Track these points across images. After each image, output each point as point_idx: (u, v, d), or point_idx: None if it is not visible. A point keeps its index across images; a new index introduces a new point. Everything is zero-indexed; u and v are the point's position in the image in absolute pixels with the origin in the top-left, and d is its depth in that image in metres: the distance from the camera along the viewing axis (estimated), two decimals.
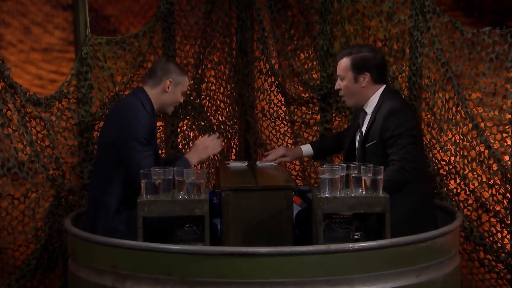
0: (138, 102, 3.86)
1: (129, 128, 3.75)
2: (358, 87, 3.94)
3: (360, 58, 3.92)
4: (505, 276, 4.16)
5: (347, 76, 3.95)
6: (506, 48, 3.97)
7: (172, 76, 3.96)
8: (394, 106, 3.81)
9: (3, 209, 4.02)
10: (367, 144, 3.85)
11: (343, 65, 3.96)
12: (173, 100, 4.00)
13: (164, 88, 3.95)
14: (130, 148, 3.72)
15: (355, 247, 3.20)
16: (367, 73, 3.91)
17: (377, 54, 4.00)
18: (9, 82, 3.96)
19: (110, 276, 3.33)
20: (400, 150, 3.71)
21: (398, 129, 3.74)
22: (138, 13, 4.92)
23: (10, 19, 4.36)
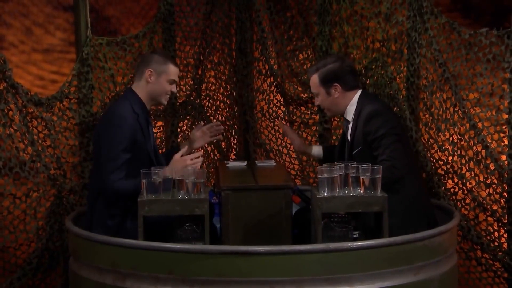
0: (125, 107, 3.82)
1: (109, 137, 3.73)
2: (332, 99, 4.00)
3: (326, 72, 3.98)
4: (502, 274, 4.16)
5: (320, 92, 4.02)
6: (503, 49, 3.98)
7: (152, 66, 3.91)
8: (372, 109, 3.85)
9: (5, 208, 4.03)
10: (354, 152, 3.87)
11: (313, 82, 4.03)
12: (159, 90, 3.93)
13: (146, 79, 3.90)
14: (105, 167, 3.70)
15: (354, 246, 3.20)
16: (337, 84, 3.95)
17: (343, 62, 4.04)
18: (10, 82, 3.96)
19: (111, 274, 3.33)
20: (386, 149, 3.74)
21: (380, 130, 3.78)
22: (138, 14, 4.92)
23: (11, 20, 4.36)
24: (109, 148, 3.71)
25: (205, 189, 3.45)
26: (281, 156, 5.08)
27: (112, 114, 3.82)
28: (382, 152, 3.73)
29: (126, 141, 3.71)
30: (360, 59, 4.57)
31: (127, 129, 3.73)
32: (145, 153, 3.84)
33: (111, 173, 3.67)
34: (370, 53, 4.52)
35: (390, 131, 3.79)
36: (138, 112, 3.84)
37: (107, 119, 3.82)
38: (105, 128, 3.79)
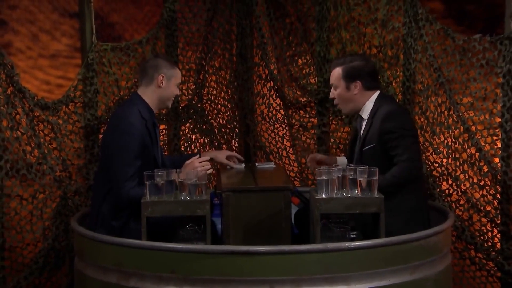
0: (134, 112, 3.79)
1: (120, 145, 3.71)
2: (350, 94, 3.96)
3: (351, 68, 3.95)
4: (495, 273, 4.17)
5: (339, 85, 3.98)
6: (495, 55, 3.99)
7: (163, 71, 3.90)
8: (390, 110, 3.83)
9: (12, 209, 4.03)
10: (365, 148, 3.85)
11: (336, 74, 3.98)
12: (169, 93, 3.94)
13: (158, 84, 3.88)
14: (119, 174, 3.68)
15: (351, 246, 3.20)
16: (359, 81, 3.93)
17: (368, 62, 4.02)
18: (18, 87, 3.97)
19: (115, 274, 3.33)
20: (406, 150, 3.72)
21: (398, 130, 3.75)
22: (142, 21, 4.92)
23: (19, 26, 4.36)
24: (122, 156, 3.69)
25: (206, 191, 3.44)
26: (281, 159, 5.08)
27: (121, 121, 3.77)
28: (402, 153, 3.70)
29: (138, 148, 3.71)
30: None
31: (138, 137, 3.72)
32: (152, 157, 3.83)
33: (125, 181, 3.66)
34: None
35: (408, 132, 3.79)
36: (146, 118, 3.81)
37: (117, 126, 3.77)
38: (115, 135, 3.75)
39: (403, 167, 3.69)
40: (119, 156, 3.70)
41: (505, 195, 4.03)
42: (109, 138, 3.81)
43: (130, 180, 3.67)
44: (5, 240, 3.98)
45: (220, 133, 5.05)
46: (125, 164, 3.68)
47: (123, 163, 3.68)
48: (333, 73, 4.01)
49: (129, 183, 3.66)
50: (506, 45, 3.95)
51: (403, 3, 4.36)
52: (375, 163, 3.68)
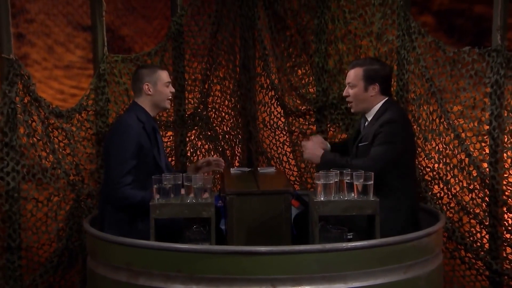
0: (131, 117, 3.81)
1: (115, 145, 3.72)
2: (366, 96, 3.87)
3: (373, 70, 3.86)
4: (484, 272, 4.16)
5: (358, 85, 3.86)
6: (484, 66, 3.99)
7: (146, 80, 3.88)
8: (392, 117, 3.76)
9: (28, 211, 4.03)
10: (360, 144, 3.83)
11: (356, 74, 3.86)
12: (161, 96, 3.91)
13: (147, 92, 3.88)
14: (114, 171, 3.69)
15: (348, 246, 3.19)
16: (377, 84, 3.87)
17: (386, 67, 3.94)
18: (34, 96, 3.97)
19: (125, 272, 3.32)
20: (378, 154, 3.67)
21: (387, 136, 3.71)
22: (151, 34, 4.93)
23: (35, 39, 4.37)
24: (117, 154, 3.70)
25: (211, 194, 3.44)
26: (281, 164, 5.07)
27: (119, 123, 3.83)
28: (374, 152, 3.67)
29: (132, 147, 3.70)
30: None
31: (134, 136, 3.72)
32: (152, 157, 3.82)
33: (120, 177, 3.66)
34: None
35: (393, 141, 3.72)
36: (144, 121, 3.82)
37: (115, 129, 3.82)
38: (113, 136, 3.78)
39: (367, 163, 3.62)
40: (115, 155, 3.71)
41: (493, 198, 4.03)
42: (108, 141, 3.84)
43: (125, 177, 3.66)
44: (22, 240, 3.98)
45: (224, 139, 5.05)
46: (120, 161, 3.68)
47: (118, 161, 3.68)
48: (353, 72, 3.88)
49: (123, 179, 3.66)
50: (494, 57, 3.95)
51: (397, 17, 4.36)
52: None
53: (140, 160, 3.74)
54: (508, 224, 4.02)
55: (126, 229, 3.69)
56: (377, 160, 3.66)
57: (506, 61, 3.92)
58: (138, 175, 3.72)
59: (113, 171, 3.69)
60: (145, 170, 3.75)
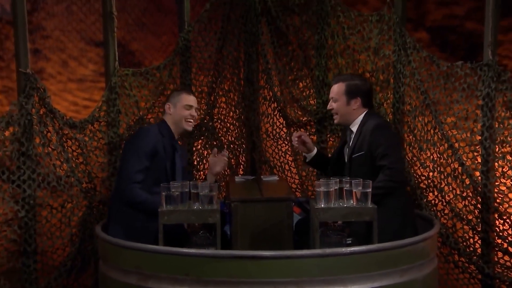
0: (154, 127, 3.95)
1: (133, 144, 3.83)
2: (349, 109, 3.96)
3: (354, 85, 3.95)
4: (477, 276, 4.15)
5: (340, 99, 3.97)
6: (476, 79, 4.00)
7: (170, 100, 4.08)
8: (378, 123, 3.85)
9: (43, 217, 4.03)
10: (354, 155, 3.84)
11: (339, 89, 3.97)
12: (178, 116, 4.04)
13: (167, 111, 4.05)
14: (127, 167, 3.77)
15: (347, 251, 3.19)
16: (359, 98, 3.93)
17: (366, 83, 4.05)
18: (49, 108, 3.98)
19: (135, 276, 3.33)
20: (392, 162, 3.70)
21: (387, 141, 3.75)
22: (159, 49, 4.95)
23: (50, 54, 4.39)
24: (133, 152, 3.79)
25: (217, 201, 3.45)
26: (284, 172, 5.08)
27: (140, 129, 3.99)
28: (389, 161, 3.69)
29: (148, 149, 3.80)
30: None
31: (151, 140, 3.83)
32: (163, 168, 3.87)
33: (132, 173, 3.73)
34: None
35: (395, 144, 3.81)
36: (165, 135, 3.93)
37: (135, 133, 3.97)
38: (132, 138, 3.93)
39: (388, 179, 3.67)
40: (131, 153, 3.80)
41: (485, 205, 4.02)
42: (127, 142, 3.98)
43: (136, 174, 3.74)
44: (37, 245, 3.98)
45: (229, 149, 5.05)
46: (135, 159, 3.77)
47: (133, 159, 3.77)
48: (336, 88, 3.99)
49: (135, 176, 3.73)
50: (485, 71, 3.96)
51: (393, 33, 4.37)
52: (364, 169, 3.72)
53: (152, 166, 3.81)
54: (499, 230, 4.01)
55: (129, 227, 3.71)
56: (394, 173, 3.68)
57: (497, 75, 3.93)
58: (147, 178, 3.76)
59: (126, 167, 3.77)
60: (155, 177, 3.77)
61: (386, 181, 3.67)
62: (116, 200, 3.82)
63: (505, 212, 3.98)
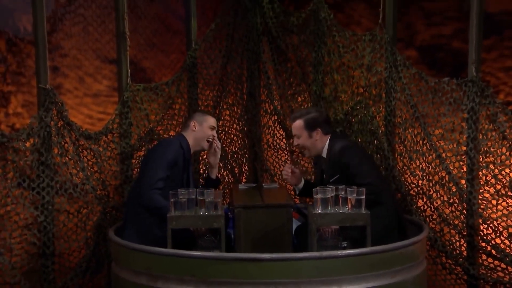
0: (175, 140, 3.99)
1: (157, 153, 3.85)
2: (312, 141, 3.98)
3: (311, 118, 3.97)
4: (463, 277, 4.15)
5: (302, 134, 3.98)
6: (461, 94, 4.01)
7: (195, 118, 4.12)
8: (342, 145, 3.87)
9: (61, 222, 4.03)
10: (331, 180, 3.82)
11: (298, 125, 4.00)
12: (202, 134, 4.09)
13: (191, 128, 4.07)
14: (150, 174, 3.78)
15: (343, 253, 3.21)
16: (319, 129, 3.94)
17: (322, 113, 4.07)
18: (66, 121, 3.99)
19: (145, 276, 3.34)
20: (364, 177, 3.70)
21: (354, 160, 3.75)
22: (168, 66, 4.95)
23: (68, 71, 4.40)
24: (156, 160, 3.81)
25: (221, 207, 3.45)
26: (283, 180, 5.07)
27: (163, 140, 4.07)
28: (361, 180, 3.65)
29: (170, 159, 3.83)
30: (347, 101, 4.58)
31: (173, 151, 3.86)
32: (180, 179, 3.91)
33: (154, 180, 3.74)
34: (355, 97, 4.54)
35: (363, 160, 3.80)
36: (184, 148, 3.97)
37: (159, 143, 4.03)
38: (155, 147, 3.97)
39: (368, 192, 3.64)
40: (154, 161, 3.82)
41: (470, 211, 4.02)
42: (150, 151, 4.00)
43: (158, 182, 3.75)
44: (55, 247, 3.98)
45: (233, 158, 5.05)
46: (157, 167, 3.78)
47: (156, 167, 3.79)
48: (295, 125, 4.01)
49: (157, 184, 3.74)
50: (470, 87, 3.97)
51: (385, 51, 4.38)
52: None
53: (171, 175, 3.83)
54: (483, 234, 4.01)
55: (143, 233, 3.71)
56: (370, 188, 3.60)
57: (481, 90, 3.94)
58: (167, 187, 3.76)
59: (149, 174, 3.77)
60: (172, 186, 3.79)
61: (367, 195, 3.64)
62: (134, 204, 3.82)
63: (488, 217, 3.98)
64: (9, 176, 3.76)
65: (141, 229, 3.74)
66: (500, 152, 3.89)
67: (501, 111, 3.87)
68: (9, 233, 3.76)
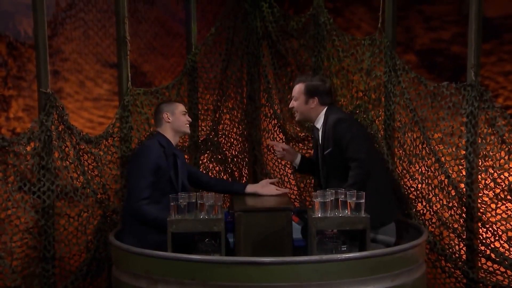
0: (152, 141, 3.94)
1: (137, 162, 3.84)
2: (307, 107, 4.00)
3: (312, 86, 3.98)
4: (462, 280, 4.15)
5: (299, 98, 4.00)
6: (460, 99, 4.01)
7: (165, 110, 4.06)
8: (337, 117, 3.87)
9: (61, 225, 4.04)
10: (325, 152, 3.86)
11: (298, 89, 4.02)
12: (179, 122, 4.06)
13: (166, 120, 4.04)
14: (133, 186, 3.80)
15: (342, 257, 3.20)
16: (316, 97, 3.95)
17: (326, 83, 4.04)
18: (67, 125, 4.00)
19: (145, 280, 3.33)
20: (356, 152, 3.72)
21: (347, 134, 3.76)
22: (168, 70, 4.96)
23: (69, 75, 4.40)
24: (137, 171, 3.80)
25: (221, 211, 3.46)
26: (283, 184, 5.08)
27: (141, 147, 3.98)
28: (352, 155, 3.72)
29: (151, 166, 3.79)
30: (346, 105, 4.59)
31: (153, 156, 3.82)
32: (168, 178, 3.88)
33: (138, 192, 3.73)
34: (355, 101, 4.55)
35: (356, 134, 3.80)
36: (164, 146, 3.93)
37: (137, 151, 3.97)
38: (134, 157, 3.93)
39: (356, 171, 3.67)
40: (135, 172, 3.81)
41: (469, 214, 4.03)
42: (130, 161, 4.00)
43: (142, 191, 3.74)
44: (55, 251, 3.98)
45: (233, 162, 5.06)
46: (139, 178, 3.77)
47: (137, 177, 3.78)
48: (296, 87, 4.04)
49: (141, 194, 3.73)
50: (468, 91, 3.98)
51: (384, 55, 4.39)
52: (336, 163, 3.75)
53: (157, 179, 3.80)
54: (482, 238, 4.01)
55: (142, 240, 3.71)
56: (360, 164, 3.68)
57: (480, 94, 3.95)
58: (154, 191, 3.77)
59: (132, 186, 3.78)
60: (161, 188, 3.80)
61: (356, 175, 3.69)
62: (128, 214, 3.83)
63: (487, 221, 3.98)
64: (10, 180, 3.76)
65: (138, 234, 3.74)
66: (499, 156, 3.89)
67: (500, 115, 3.88)
68: (9, 237, 3.77)
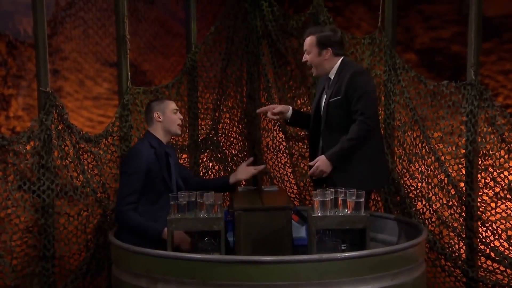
0: (143, 143, 3.91)
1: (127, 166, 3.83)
2: (321, 59, 3.92)
3: (324, 37, 3.91)
4: (461, 279, 4.15)
5: (312, 51, 3.93)
6: (460, 97, 4.02)
7: (155, 108, 4.00)
8: (358, 69, 3.83)
9: (61, 224, 4.03)
10: (332, 99, 3.81)
11: (310, 41, 3.94)
12: (170, 121, 4.00)
13: (156, 119, 3.99)
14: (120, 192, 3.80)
15: (342, 256, 3.18)
16: (329, 48, 3.90)
17: (337, 33, 3.97)
18: (67, 123, 4.00)
19: (145, 279, 3.32)
20: (365, 108, 3.70)
21: (363, 87, 3.73)
22: (168, 69, 4.96)
23: (69, 74, 4.40)
24: (125, 175, 3.79)
25: (221, 209, 3.45)
26: (283, 183, 5.09)
27: (131, 150, 3.94)
28: (361, 110, 3.69)
29: (141, 170, 3.77)
30: None
31: (142, 160, 3.80)
32: (161, 179, 3.87)
33: (124, 196, 3.74)
34: None
35: (371, 90, 3.79)
36: (155, 146, 3.90)
37: (127, 154, 3.95)
38: (124, 160, 3.91)
39: (360, 127, 3.65)
40: (123, 176, 3.80)
41: (469, 213, 4.03)
42: (121, 165, 3.96)
43: (128, 197, 3.73)
44: (55, 250, 3.98)
45: (232, 161, 5.06)
46: (126, 182, 3.76)
47: (125, 182, 3.77)
48: (308, 41, 3.95)
49: (127, 199, 3.72)
50: (468, 90, 3.98)
51: (384, 54, 4.39)
52: (339, 112, 3.71)
53: (150, 182, 3.80)
54: (482, 237, 4.02)
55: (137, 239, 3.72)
56: (366, 119, 3.65)
57: (479, 93, 3.95)
58: (147, 194, 3.77)
59: (119, 191, 3.78)
60: (156, 189, 3.79)
61: (359, 131, 3.67)
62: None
63: (487, 220, 3.99)
64: (9, 179, 3.75)
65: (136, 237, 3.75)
66: (499, 155, 3.90)
67: (499, 114, 3.88)
68: (9, 236, 3.76)
